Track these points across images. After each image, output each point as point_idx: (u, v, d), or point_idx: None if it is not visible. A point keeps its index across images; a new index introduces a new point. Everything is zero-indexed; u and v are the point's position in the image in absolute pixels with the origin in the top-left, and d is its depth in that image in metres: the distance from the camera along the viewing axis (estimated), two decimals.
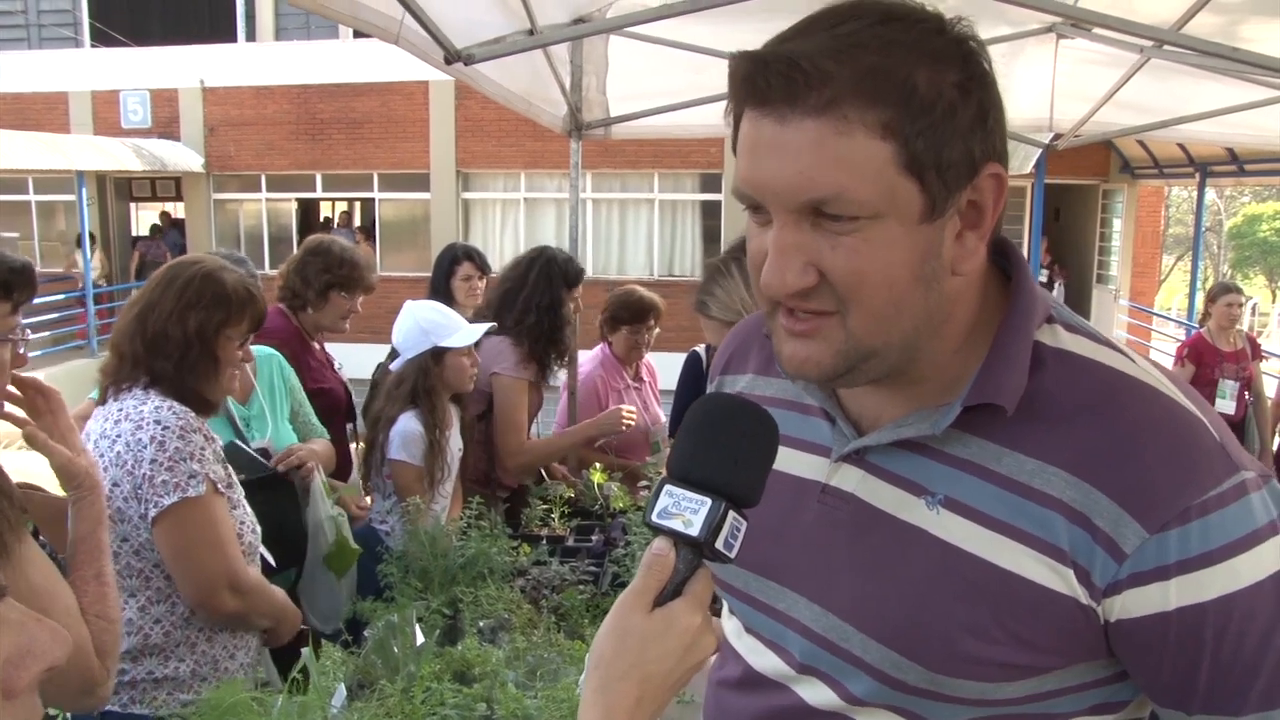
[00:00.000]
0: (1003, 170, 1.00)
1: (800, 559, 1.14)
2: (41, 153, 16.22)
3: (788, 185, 0.95)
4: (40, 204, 20.50)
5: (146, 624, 2.33)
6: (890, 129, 0.93)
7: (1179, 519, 0.94)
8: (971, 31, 0.99)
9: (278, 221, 20.14)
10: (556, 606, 2.86)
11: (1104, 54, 4.25)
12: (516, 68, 3.84)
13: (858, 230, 0.95)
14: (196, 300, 2.39)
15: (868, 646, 1.07)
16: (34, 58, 20.68)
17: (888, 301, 0.98)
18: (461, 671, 2.30)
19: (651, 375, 4.87)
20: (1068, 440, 1.00)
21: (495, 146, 18.30)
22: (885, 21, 0.95)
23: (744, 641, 1.24)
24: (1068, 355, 1.05)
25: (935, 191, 0.95)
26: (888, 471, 1.10)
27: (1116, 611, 0.97)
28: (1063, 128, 5.18)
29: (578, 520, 3.77)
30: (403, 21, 2.71)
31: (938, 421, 1.05)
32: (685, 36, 3.81)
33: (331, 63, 18.34)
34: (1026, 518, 0.99)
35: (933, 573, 1.04)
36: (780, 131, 0.95)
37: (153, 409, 2.30)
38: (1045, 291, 1.11)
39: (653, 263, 18.19)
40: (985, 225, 1.01)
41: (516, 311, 3.98)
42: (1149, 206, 18.73)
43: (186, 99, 19.44)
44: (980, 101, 0.97)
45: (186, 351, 2.37)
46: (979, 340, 1.06)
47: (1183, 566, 0.94)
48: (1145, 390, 1.02)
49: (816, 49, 0.93)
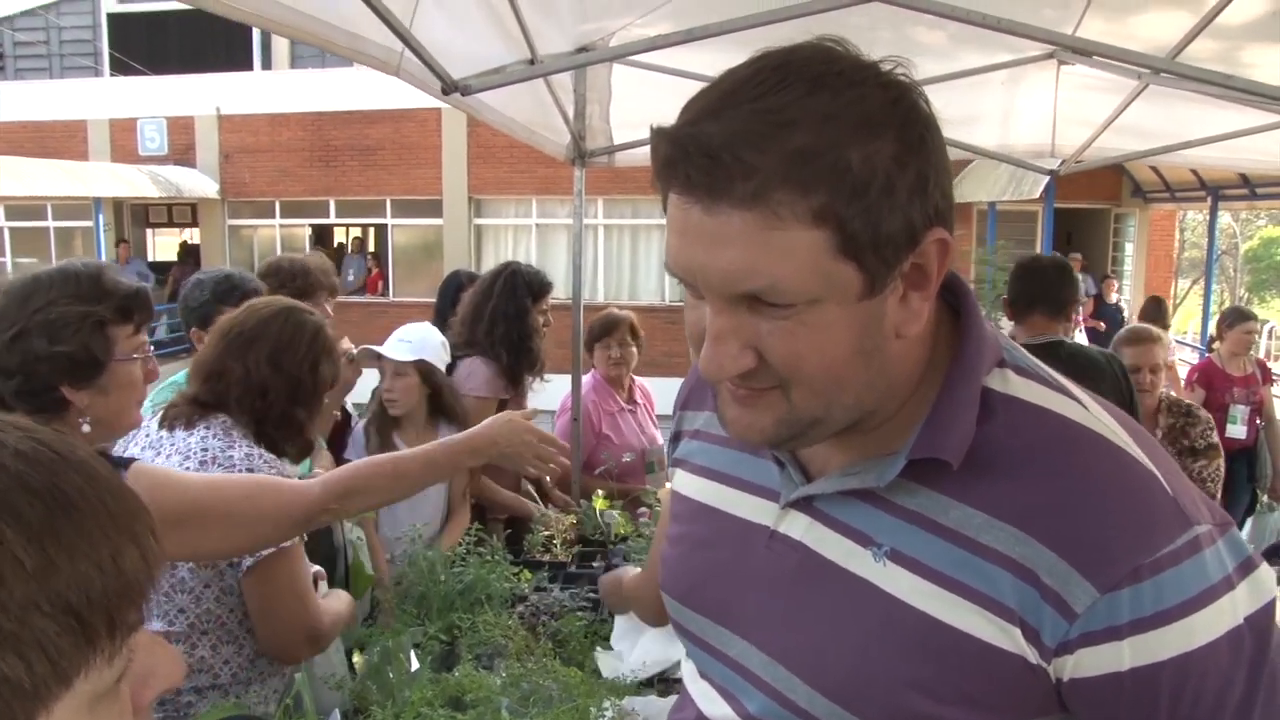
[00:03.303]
0: (947, 234, 0.96)
1: (750, 605, 1.13)
2: (61, 180, 16.43)
3: (719, 276, 0.92)
4: (58, 230, 20.69)
5: (217, 664, 2.28)
6: (823, 215, 0.88)
7: (1130, 578, 0.91)
8: (908, 79, 0.94)
9: (291, 247, 20.25)
10: (555, 633, 2.86)
11: (1105, 79, 4.25)
12: (519, 96, 3.87)
13: (794, 315, 0.92)
14: (327, 351, 2.41)
15: (814, 700, 1.05)
16: (55, 87, 20.98)
17: (829, 378, 0.96)
18: (456, 698, 2.30)
19: (646, 398, 4.89)
20: (1016, 494, 0.97)
21: (507, 173, 18.39)
22: (814, 91, 0.89)
23: (698, 686, 1.22)
24: (1016, 402, 1.02)
25: (874, 270, 0.92)
26: (835, 520, 1.07)
27: (1069, 670, 0.95)
28: (1065, 153, 5.17)
29: (579, 547, 3.77)
30: (403, 54, 2.75)
31: (883, 473, 1.03)
32: (687, 65, 3.83)
33: (345, 90, 18.48)
34: (973, 573, 0.97)
35: (878, 627, 1.01)
36: (707, 221, 0.91)
37: (243, 455, 2.23)
38: (996, 332, 1.08)
39: (664, 288, 18.21)
40: (930, 286, 0.97)
41: (485, 323, 4.02)
42: (1162, 230, 18.69)
43: (202, 126, 19.63)
44: (919, 170, 0.91)
45: (312, 400, 2.39)
46: (928, 385, 1.04)
47: (1135, 626, 0.92)
48: (1095, 441, 0.99)
49: (739, 133, 0.88)
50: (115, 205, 20.03)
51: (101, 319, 1.92)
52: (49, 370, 1.87)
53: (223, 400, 2.32)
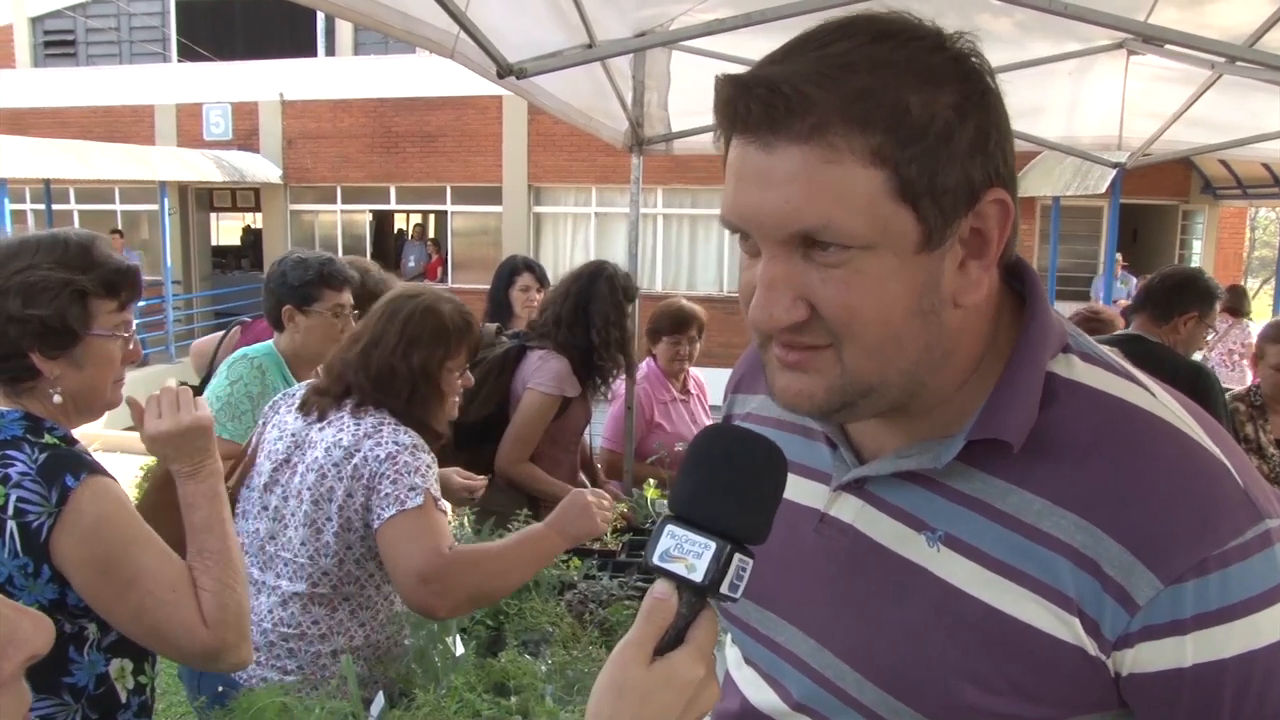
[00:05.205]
0: (1007, 195, 0.93)
1: (798, 590, 1.10)
2: (128, 164, 16.76)
3: (774, 215, 0.90)
4: (125, 213, 21.09)
5: (354, 627, 2.47)
6: (880, 155, 0.88)
7: (1196, 570, 0.88)
8: (973, 48, 0.94)
9: (352, 233, 20.51)
10: (602, 621, 2.84)
11: (1177, 70, 4.15)
12: (577, 82, 3.86)
13: (849, 262, 0.90)
14: (418, 336, 2.46)
15: (863, 688, 1.02)
16: (124, 72, 21.34)
17: (883, 337, 0.93)
18: (500, 683, 2.30)
19: (700, 389, 4.86)
20: (1078, 480, 0.93)
21: (567, 161, 18.43)
22: (877, 40, 0.90)
23: (743, 673, 1.20)
24: (1082, 388, 0.99)
25: (931, 220, 0.90)
26: (887, 503, 1.05)
27: (1128, 665, 0.92)
28: (1133, 146, 5.06)
29: (630, 536, 3.76)
30: (458, 36, 2.74)
31: (941, 454, 0.99)
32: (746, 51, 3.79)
33: (407, 77, 18.64)
34: (1031, 560, 0.94)
35: (930, 614, 0.99)
36: (765, 159, 0.90)
37: (391, 431, 2.40)
38: (1062, 318, 1.05)
39: (723, 278, 18.17)
40: (990, 254, 0.95)
41: (581, 323, 3.98)
42: (1231, 228, 18.29)
43: (266, 112, 19.90)
44: (979, 124, 0.91)
45: (414, 389, 2.46)
46: (989, 371, 1.00)
47: (1200, 621, 0.88)
48: (1163, 427, 0.95)
49: (801, 72, 0.88)
50: (180, 189, 20.36)
51: (83, 289, 1.84)
52: (18, 334, 1.80)
53: (347, 394, 2.48)
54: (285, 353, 3.40)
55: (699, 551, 0.89)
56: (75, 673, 1.84)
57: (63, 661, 1.82)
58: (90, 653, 1.86)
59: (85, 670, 1.85)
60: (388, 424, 2.42)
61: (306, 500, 2.41)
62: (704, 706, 0.92)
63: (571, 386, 3.96)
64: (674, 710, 0.90)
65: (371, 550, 2.41)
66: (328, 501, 2.39)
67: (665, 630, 0.90)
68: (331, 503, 2.38)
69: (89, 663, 1.85)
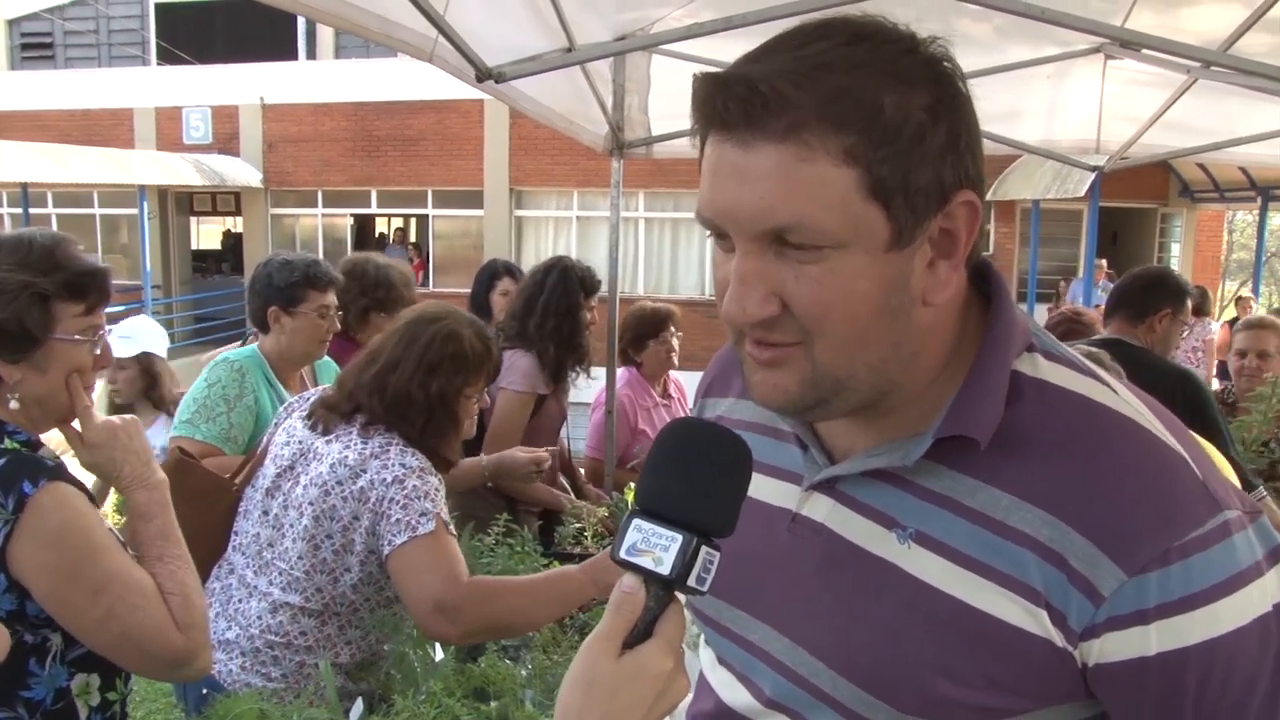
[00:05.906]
0: (976, 197, 0.96)
1: (771, 589, 1.11)
2: (107, 168, 16.65)
3: (749, 212, 0.92)
4: (104, 218, 20.96)
5: (340, 643, 2.44)
6: (854, 155, 0.89)
7: (1159, 561, 0.90)
8: (945, 52, 0.96)
9: (333, 237, 20.43)
10: (582, 626, 2.84)
11: (1152, 74, 4.17)
12: (557, 86, 3.85)
13: (822, 259, 0.92)
14: (438, 363, 2.43)
15: (837, 684, 1.04)
16: (102, 75, 21.23)
17: (852, 333, 0.95)
18: (480, 688, 2.29)
19: (681, 392, 4.88)
20: (1045, 476, 0.96)
21: (549, 164, 18.43)
22: (853, 42, 0.92)
23: (717, 674, 1.21)
24: (1047, 386, 1.01)
25: (902, 219, 0.92)
26: (858, 502, 1.06)
27: (1095, 655, 0.94)
28: (1111, 149, 5.09)
29: (610, 540, 3.75)
30: (436, 40, 2.73)
31: (910, 452, 1.01)
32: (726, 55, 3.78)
33: (388, 80, 18.59)
34: (1000, 556, 0.96)
35: (903, 610, 1.00)
36: (741, 157, 0.92)
37: (398, 453, 2.36)
38: (1026, 317, 1.07)
39: (704, 282, 18.19)
40: (959, 254, 0.97)
41: (536, 317, 4.00)
42: (1209, 231, 18.43)
43: (246, 115, 19.83)
44: (951, 126, 0.93)
45: (429, 417, 2.42)
46: (956, 370, 1.02)
47: (1162, 610, 0.90)
48: (1126, 424, 0.98)
49: (779, 71, 0.90)
50: (160, 193, 20.25)
51: (44, 292, 1.78)
52: None
53: (355, 413, 2.45)
54: (270, 355, 3.39)
55: (666, 545, 0.90)
56: (34, 686, 1.79)
57: (20, 674, 1.78)
58: (53, 666, 1.81)
59: (44, 684, 1.80)
60: (395, 444, 2.38)
61: (308, 515, 2.37)
62: (673, 699, 0.93)
63: (542, 383, 3.97)
64: (643, 703, 0.91)
65: (371, 575, 2.38)
66: (329, 519, 2.35)
67: (634, 624, 0.91)
68: (334, 521, 2.35)
69: (49, 676, 1.81)
